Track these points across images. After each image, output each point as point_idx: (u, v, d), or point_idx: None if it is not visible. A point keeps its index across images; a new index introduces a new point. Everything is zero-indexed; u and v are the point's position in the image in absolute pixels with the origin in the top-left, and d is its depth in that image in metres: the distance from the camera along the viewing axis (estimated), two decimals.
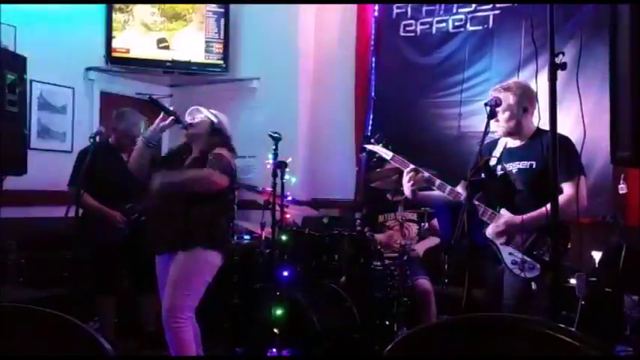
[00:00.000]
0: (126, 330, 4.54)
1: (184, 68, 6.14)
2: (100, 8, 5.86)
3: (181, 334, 3.30)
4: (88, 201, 4.23)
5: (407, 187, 3.33)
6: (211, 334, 4.37)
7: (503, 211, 3.14)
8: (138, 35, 5.96)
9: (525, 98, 3.20)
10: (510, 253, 3.10)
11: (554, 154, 2.31)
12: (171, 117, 3.46)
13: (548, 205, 2.38)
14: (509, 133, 3.26)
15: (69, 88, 5.59)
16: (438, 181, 3.25)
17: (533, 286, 3.03)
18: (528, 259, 3.03)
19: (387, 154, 3.47)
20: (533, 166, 3.13)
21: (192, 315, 3.38)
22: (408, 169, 3.31)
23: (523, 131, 3.24)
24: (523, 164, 3.17)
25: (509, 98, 3.18)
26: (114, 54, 5.88)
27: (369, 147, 3.58)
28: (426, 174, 3.27)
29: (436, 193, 3.30)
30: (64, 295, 4.34)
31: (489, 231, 3.16)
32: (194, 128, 3.51)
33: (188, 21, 6.11)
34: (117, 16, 5.90)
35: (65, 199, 4.12)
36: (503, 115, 3.18)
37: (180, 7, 6.10)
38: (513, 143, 3.28)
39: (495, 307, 3.19)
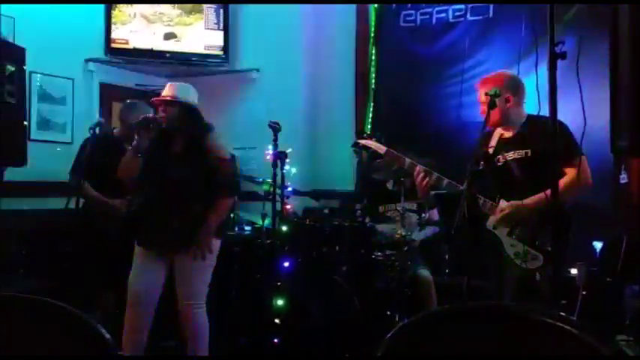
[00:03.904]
0: None
1: (184, 59, 6.12)
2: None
3: (203, 319, 3.53)
4: (89, 192, 4.23)
5: (421, 189, 3.31)
6: (212, 325, 4.39)
7: (502, 202, 3.14)
8: (140, 27, 5.94)
9: (507, 88, 3.20)
10: (512, 245, 3.10)
11: (553, 144, 2.31)
12: (150, 125, 3.46)
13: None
14: (496, 124, 3.26)
15: (68, 79, 5.57)
16: (446, 180, 3.24)
17: (537, 276, 3.03)
18: (531, 249, 3.03)
19: (380, 148, 3.44)
20: (529, 154, 3.13)
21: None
22: (418, 169, 3.29)
23: (512, 121, 3.25)
24: (518, 153, 3.17)
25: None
26: (113, 45, 5.86)
27: (362, 142, 3.55)
28: (435, 174, 3.26)
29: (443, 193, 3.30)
30: (64, 287, 4.34)
31: (491, 221, 3.16)
32: (168, 120, 3.49)
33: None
34: (121, 7, 5.88)
35: (66, 191, 4.12)
36: (483, 107, 3.19)
37: None
38: (507, 133, 3.29)
39: (497, 297, 3.20)
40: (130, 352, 3.47)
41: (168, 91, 3.53)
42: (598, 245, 4.21)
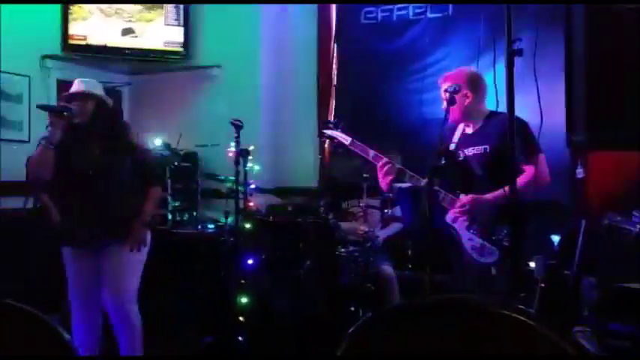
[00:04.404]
0: None
1: (144, 56, 6.04)
2: None
3: (137, 318, 3.43)
4: (45, 198, 4.12)
5: (383, 181, 3.32)
6: (177, 324, 4.37)
7: (462, 196, 3.18)
8: (99, 23, 5.85)
9: (467, 85, 3.24)
10: (470, 239, 3.14)
11: (511, 139, 2.35)
12: (64, 113, 3.26)
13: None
14: (457, 120, 3.31)
15: (24, 76, 5.45)
16: (409, 173, 3.26)
17: (493, 271, 3.08)
18: (487, 244, 3.08)
19: (345, 139, 3.46)
20: (487, 150, 3.18)
21: None
22: (382, 162, 3.30)
23: (473, 117, 3.29)
24: (477, 149, 3.22)
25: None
26: (70, 41, 5.75)
27: (328, 132, 3.56)
28: (397, 166, 3.28)
29: (406, 185, 3.31)
30: (24, 288, 4.26)
31: (450, 215, 3.20)
32: (82, 115, 3.37)
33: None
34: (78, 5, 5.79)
35: (23, 190, 4.03)
36: (444, 104, 3.24)
37: None
38: (468, 129, 3.34)
39: (457, 291, 3.25)
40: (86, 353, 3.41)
41: (79, 86, 3.42)
42: (556, 239, 4.30)
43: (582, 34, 2.13)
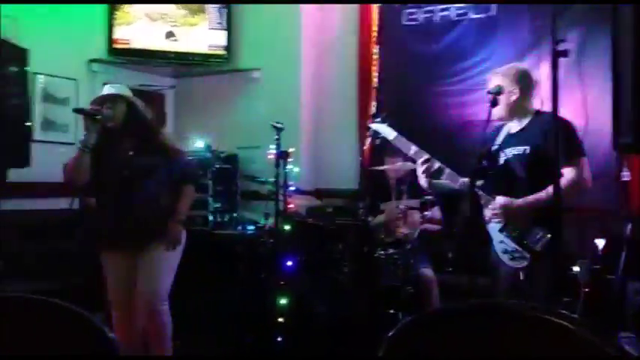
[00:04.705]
0: None
1: (187, 59, 6.13)
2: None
3: (167, 317, 3.44)
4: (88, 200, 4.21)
5: (422, 178, 3.31)
6: (216, 324, 4.41)
7: (497, 198, 3.12)
8: (144, 27, 5.95)
9: (516, 82, 3.18)
10: (501, 241, 3.09)
11: (555, 140, 2.31)
12: (97, 116, 3.32)
13: (549, 189, 2.37)
14: (503, 118, 3.25)
15: (72, 79, 5.59)
16: (447, 170, 3.23)
17: (521, 276, 3.02)
18: (519, 248, 3.02)
19: (390, 134, 3.45)
20: (527, 151, 3.09)
21: None
22: (422, 159, 3.28)
23: (520, 115, 3.22)
24: (517, 149, 3.14)
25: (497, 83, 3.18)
26: (115, 45, 5.87)
27: (374, 126, 3.58)
28: (437, 164, 3.25)
29: (446, 182, 3.28)
30: (69, 288, 4.35)
31: (485, 216, 3.16)
32: (115, 118, 3.42)
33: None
34: (125, 8, 5.89)
35: (69, 191, 4.13)
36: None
37: None
38: (514, 128, 3.27)
39: (493, 295, 3.19)
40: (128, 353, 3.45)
41: (108, 91, 3.48)
42: (600, 243, 4.21)
43: (630, 33, 2.08)
